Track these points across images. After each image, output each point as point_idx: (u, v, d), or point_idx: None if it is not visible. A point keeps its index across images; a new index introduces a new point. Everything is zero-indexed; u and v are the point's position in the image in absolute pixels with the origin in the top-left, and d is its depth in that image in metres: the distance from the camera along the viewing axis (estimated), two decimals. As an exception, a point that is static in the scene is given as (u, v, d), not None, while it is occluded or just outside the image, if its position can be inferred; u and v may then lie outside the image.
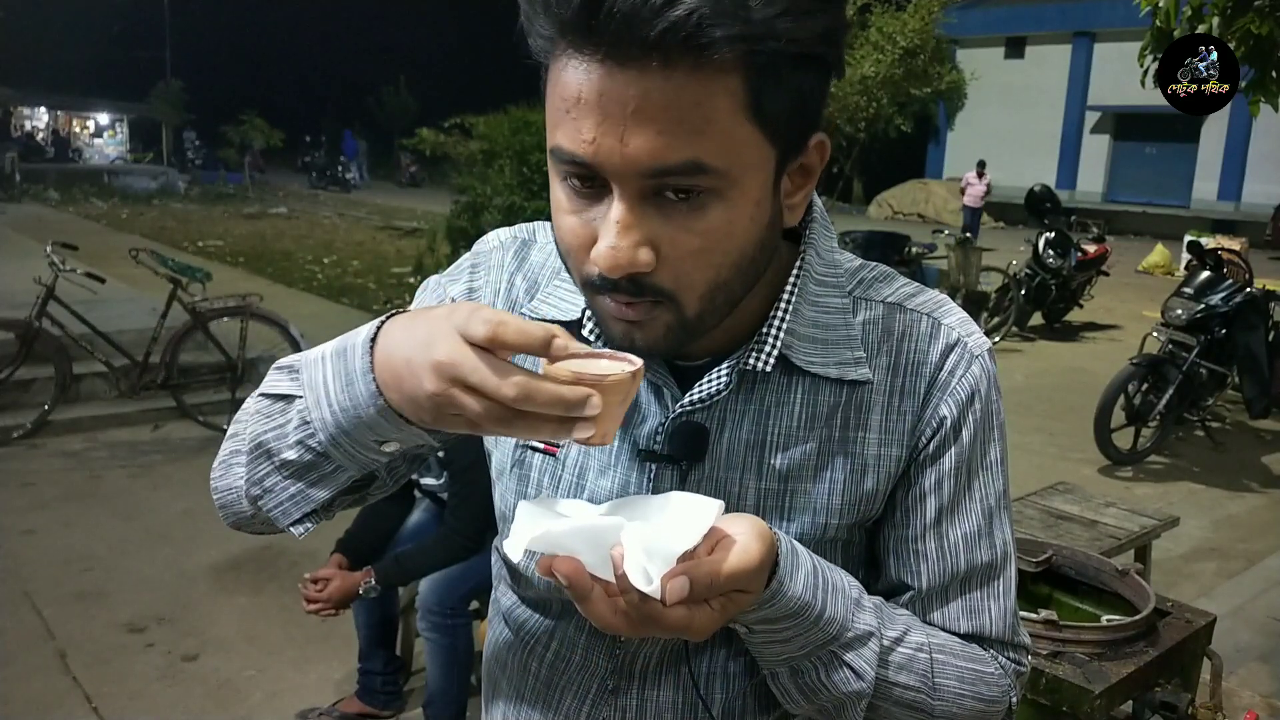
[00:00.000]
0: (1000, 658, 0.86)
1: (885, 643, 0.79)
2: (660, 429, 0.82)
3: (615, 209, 0.68)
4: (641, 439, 0.82)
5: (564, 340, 0.64)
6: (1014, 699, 0.87)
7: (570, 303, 0.85)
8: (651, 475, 0.82)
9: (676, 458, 0.81)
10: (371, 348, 0.70)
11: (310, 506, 0.80)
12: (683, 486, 0.82)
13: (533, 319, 0.86)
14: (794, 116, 0.69)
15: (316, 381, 0.73)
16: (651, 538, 0.66)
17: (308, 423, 0.74)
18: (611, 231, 0.68)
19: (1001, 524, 0.86)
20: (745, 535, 0.70)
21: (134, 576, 3.89)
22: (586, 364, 0.65)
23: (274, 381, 0.80)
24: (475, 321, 0.63)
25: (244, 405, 0.85)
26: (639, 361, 0.66)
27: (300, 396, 0.75)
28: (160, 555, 4.09)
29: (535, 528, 0.68)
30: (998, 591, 0.86)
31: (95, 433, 5.64)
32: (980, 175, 17.83)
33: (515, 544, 0.68)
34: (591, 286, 0.73)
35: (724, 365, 0.80)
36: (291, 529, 0.82)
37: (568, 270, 0.78)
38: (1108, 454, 5.80)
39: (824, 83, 0.71)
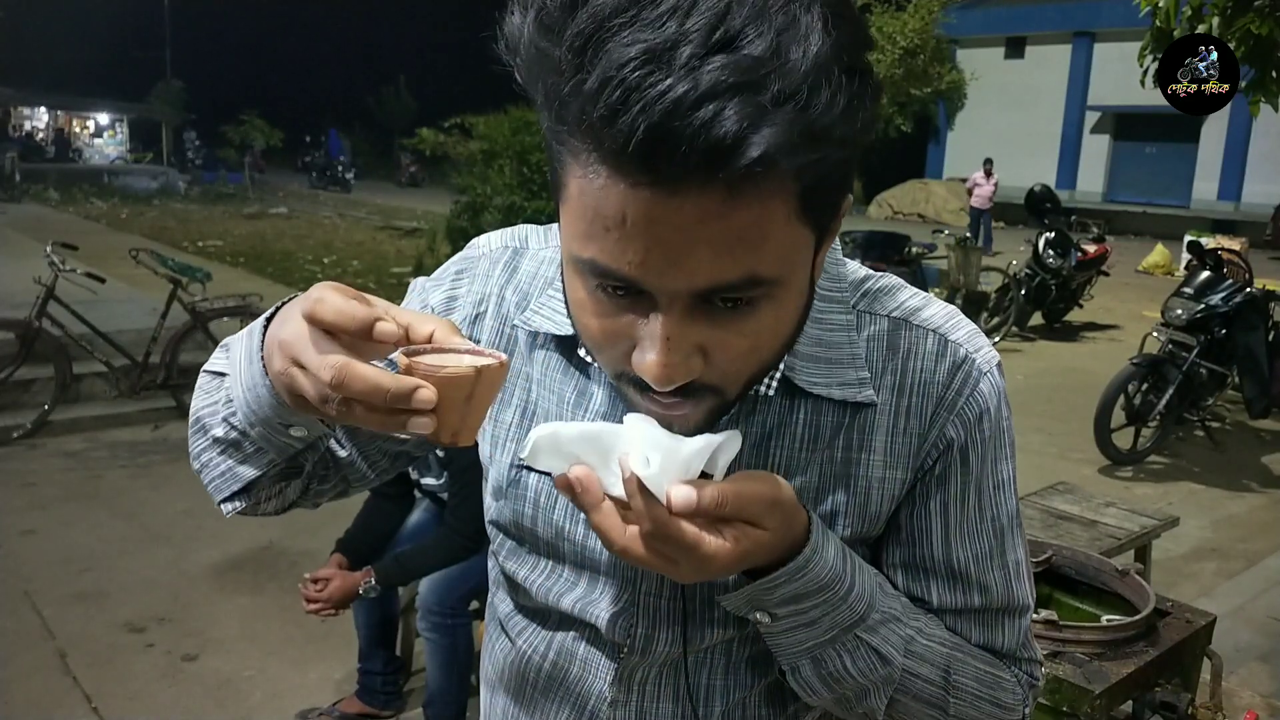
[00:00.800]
0: (1014, 669, 0.85)
1: (909, 631, 0.78)
2: None
3: (663, 323, 0.63)
4: None
5: (390, 325, 0.61)
6: (1027, 711, 0.86)
7: (565, 315, 0.81)
8: None
9: None
10: (267, 326, 0.70)
11: (238, 485, 0.81)
12: None
13: (526, 331, 0.84)
14: (835, 200, 0.66)
15: (236, 359, 0.74)
16: (664, 449, 0.65)
17: (231, 400, 0.75)
18: (659, 346, 0.63)
19: (1014, 543, 0.84)
20: (761, 473, 0.68)
21: (134, 576, 3.89)
22: (445, 357, 0.62)
23: (214, 359, 0.82)
24: (308, 300, 0.63)
25: None
26: (501, 358, 0.63)
27: (228, 374, 0.76)
28: (160, 555, 4.09)
29: (545, 430, 0.66)
30: (1012, 610, 0.84)
31: (95, 433, 5.63)
32: (988, 175, 17.07)
33: (527, 447, 0.67)
34: (626, 380, 0.69)
35: None
36: (222, 506, 0.83)
37: (589, 354, 0.75)
38: (1108, 454, 5.80)
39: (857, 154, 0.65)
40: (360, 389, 0.59)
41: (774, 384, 0.77)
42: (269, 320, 0.71)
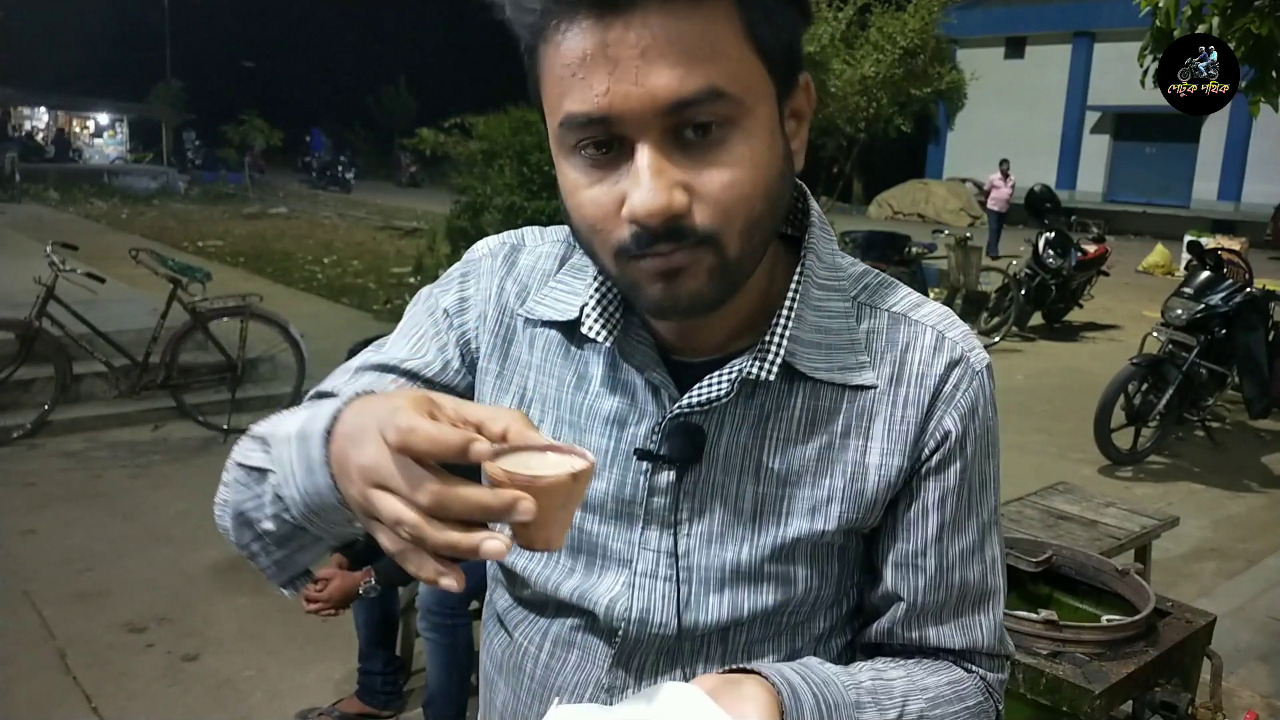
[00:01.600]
0: (989, 674, 0.88)
1: None
2: (657, 429, 0.81)
3: (642, 158, 0.68)
4: (639, 439, 0.82)
5: (484, 445, 0.58)
6: (1000, 707, 0.89)
7: (567, 303, 0.85)
8: (647, 475, 0.82)
9: (672, 459, 0.81)
10: (328, 438, 0.67)
11: (296, 570, 0.81)
12: (679, 488, 0.82)
13: (528, 320, 0.87)
14: (784, 51, 0.72)
15: (284, 460, 0.71)
16: None
17: (280, 498, 0.72)
18: (644, 180, 0.68)
19: (992, 540, 0.88)
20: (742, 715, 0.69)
21: (134, 576, 3.89)
22: (531, 459, 0.60)
23: (248, 452, 0.78)
24: (389, 427, 0.59)
25: (226, 465, 0.83)
26: (590, 459, 0.61)
27: (273, 471, 0.73)
28: (160, 555, 4.09)
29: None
30: (989, 607, 0.88)
31: (95, 433, 5.64)
32: (1005, 176, 17.00)
33: None
34: (625, 254, 0.72)
35: (725, 372, 0.80)
36: (284, 590, 0.82)
37: (591, 256, 0.77)
38: (1108, 454, 5.80)
39: (801, 26, 0.74)
40: (461, 511, 0.58)
41: (774, 369, 0.79)
42: (328, 430, 0.67)
